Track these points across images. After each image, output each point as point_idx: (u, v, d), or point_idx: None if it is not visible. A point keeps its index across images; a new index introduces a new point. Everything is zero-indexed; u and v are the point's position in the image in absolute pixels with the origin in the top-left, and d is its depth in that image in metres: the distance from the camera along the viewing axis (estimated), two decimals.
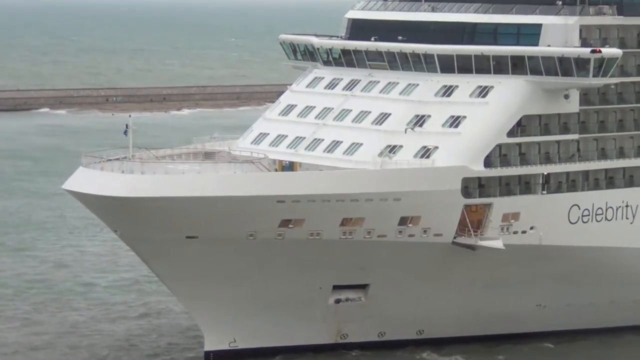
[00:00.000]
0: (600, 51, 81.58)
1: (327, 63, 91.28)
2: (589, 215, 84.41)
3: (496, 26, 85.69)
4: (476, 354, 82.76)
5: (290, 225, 76.34)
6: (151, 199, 74.45)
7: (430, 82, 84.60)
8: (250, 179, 77.37)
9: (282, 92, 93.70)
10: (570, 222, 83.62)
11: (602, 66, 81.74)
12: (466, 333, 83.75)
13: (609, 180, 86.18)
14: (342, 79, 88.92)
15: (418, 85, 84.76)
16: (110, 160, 79.24)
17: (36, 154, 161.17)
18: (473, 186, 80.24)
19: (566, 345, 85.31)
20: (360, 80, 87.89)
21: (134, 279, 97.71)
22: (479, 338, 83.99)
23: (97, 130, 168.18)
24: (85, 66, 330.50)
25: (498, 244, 79.34)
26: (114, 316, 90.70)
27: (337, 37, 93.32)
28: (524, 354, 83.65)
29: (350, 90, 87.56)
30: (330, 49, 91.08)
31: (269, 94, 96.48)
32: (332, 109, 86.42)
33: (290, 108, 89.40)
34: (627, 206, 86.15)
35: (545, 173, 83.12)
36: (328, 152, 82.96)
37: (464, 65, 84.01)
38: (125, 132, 79.76)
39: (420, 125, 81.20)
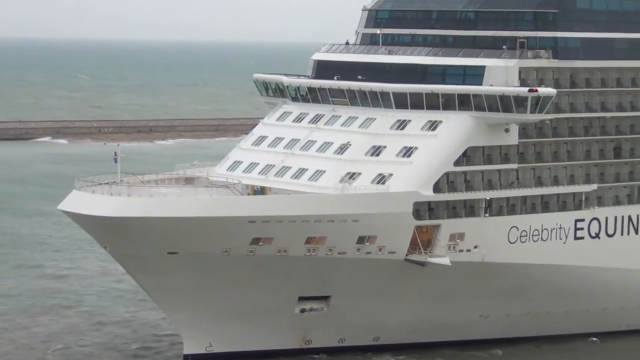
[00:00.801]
0: (537, 90, 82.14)
1: (295, 99, 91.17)
2: (526, 235, 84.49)
3: (445, 67, 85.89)
4: (428, 359, 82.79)
5: (260, 243, 76.45)
6: (137, 218, 74.72)
7: (386, 117, 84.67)
8: (225, 202, 77.85)
9: (255, 125, 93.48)
10: (510, 242, 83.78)
11: (539, 104, 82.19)
12: (418, 339, 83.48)
13: (544, 205, 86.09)
14: (308, 114, 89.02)
15: (375, 119, 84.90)
16: (100, 184, 79.24)
17: (39, 179, 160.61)
18: (423, 209, 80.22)
19: (511, 351, 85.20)
20: (324, 114, 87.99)
21: (122, 289, 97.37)
22: (429, 344, 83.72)
23: (90, 157, 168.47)
24: (84, 100, 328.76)
25: (445, 260, 79.58)
26: (100, 321, 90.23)
27: (305, 76, 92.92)
28: (471, 358, 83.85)
29: (315, 123, 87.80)
30: (298, 87, 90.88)
31: (244, 126, 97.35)
32: (299, 140, 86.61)
33: (261, 139, 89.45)
34: (560, 228, 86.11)
35: (488, 198, 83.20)
36: (295, 178, 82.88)
37: (416, 102, 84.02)
38: (115, 160, 79.93)
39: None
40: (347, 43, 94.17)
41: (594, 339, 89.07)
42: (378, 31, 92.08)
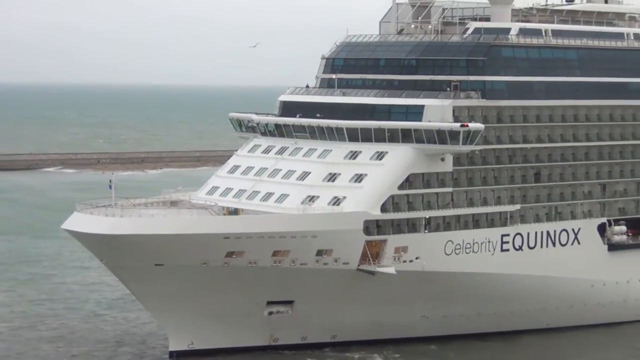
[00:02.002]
0: (467, 125, 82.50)
1: (264, 134, 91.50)
2: (460, 248, 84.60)
3: (390, 107, 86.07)
4: (378, 353, 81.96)
5: (233, 256, 76.60)
6: (128, 235, 75.15)
7: (340, 149, 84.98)
8: (204, 221, 78.11)
9: (230, 156, 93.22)
10: (446, 254, 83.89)
11: (469, 137, 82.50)
12: (369, 337, 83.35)
13: (475, 222, 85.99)
14: (274, 146, 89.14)
15: (331, 150, 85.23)
16: (98, 206, 79.43)
17: (46, 203, 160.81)
18: (372, 226, 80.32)
19: (448, 347, 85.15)
20: (288, 147, 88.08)
21: (116, 295, 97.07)
22: (379, 341, 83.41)
23: (90, 184, 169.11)
24: (86, 135, 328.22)
25: (391, 270, 79.76)
26: (97, 322, 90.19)
27: (272, 114, 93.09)
28: (414, 353, 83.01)
29: (281, 154, 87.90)
30: (266, 124, 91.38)
31: (222, 157, 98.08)
32: (267, 168, 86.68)
33: (235, 168, 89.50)
34: (489, 241, 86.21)
35: (427, 217, 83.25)
36: (263, 201, 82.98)
37: (366, 136, 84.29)
38: (110, 186, 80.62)
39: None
40: (307, 86, 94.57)
41: None
42: (334, 76, 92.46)
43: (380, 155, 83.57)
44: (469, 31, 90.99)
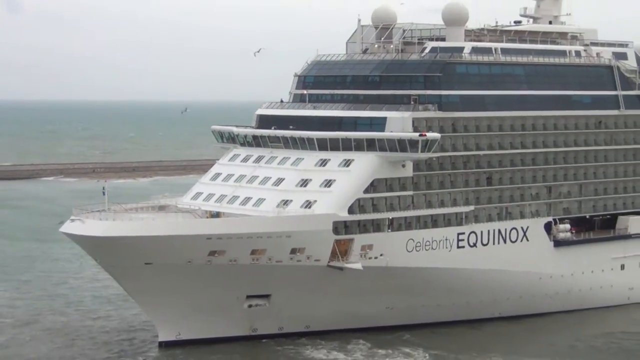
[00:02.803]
0: (425, 135, 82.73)
1: (243, 144, 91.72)
2: (420, 245, 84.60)
3: (356, 119, 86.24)
4: (348, 341, 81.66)
5: (215, 255, 76.56)
6: (120, 237, 75.24)
7: (311, 157, 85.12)
8: (188, 224, 78.44)
9: (212, 165, 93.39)
10: (408, 251, 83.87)
11: (427, 145, 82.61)
12: (340, 327, 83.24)
13: (434, 222, 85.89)
14: (252, 155, 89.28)
15: (303, 159, 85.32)
16: (92, 212, 79.36)
17: (46, 208, 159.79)
18: (341, 227, 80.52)
19: (415, 334, 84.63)
20: (264, 156, 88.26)
21: (109, 293, 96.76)
22: (349, 330, 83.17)
23: (86, 191, 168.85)
24: (84, 146, 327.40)
25: (358, 266, 79.83)
26: (93, 316, 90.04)
27: (250, 126, 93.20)
28: (382, 340, 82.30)
29: (258, 163, 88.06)
30: (245, 135, 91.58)
31: (205, 166, 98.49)
32: (246, 175, 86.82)
33: (217, 175, 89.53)
34: (446, 239, 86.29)
35: (390, 217, 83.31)
36: (242, 204, 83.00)
37: (334, 145, 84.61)
38: (103, 193, 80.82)
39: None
40: (282, 101, 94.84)
41: None
42: (305, 91, 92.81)
43: (347, 163, 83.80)
44: (427, 50, 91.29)
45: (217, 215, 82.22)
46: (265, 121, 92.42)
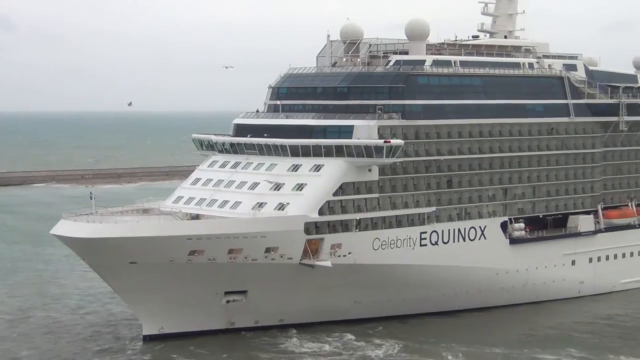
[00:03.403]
0: (390, 142, 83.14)
1: (221, 151, 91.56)
2: (385, 244, 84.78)
3: (326, 127, 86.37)
4: (320, 333, 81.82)
5: (195, 254, 76.48)
6: (106, 239, 75.23)
7: (284, 163, 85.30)
8: (170, 225, 78.58)
9: (193, 170, 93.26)
10: (374, 249, 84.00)
11: (392, 151, 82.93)
12: (312, 320, 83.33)
13: (398, 222, 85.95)
14: (230, 162, 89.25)
15: (277, 164, 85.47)
16: (80, 215, 79.77)
17: (36, 210, 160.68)
18: (312, 227, 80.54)
19: (382, 325, 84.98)
20: (241, 162, 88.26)
21: (97, 290, 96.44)
22: (320, 323, 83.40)
23: (77, 197, 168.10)
24: (72, 154, 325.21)
25: (328, 263, 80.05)
26: (80, 312, 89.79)
27: (228, 135, 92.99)
28: (353, 332, 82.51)
29: (235, 168, 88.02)
30: (223, 143, 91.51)
31: (187, 171, 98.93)
32: (223, 180, 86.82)
33: (197, 180, 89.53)
34: (409, 238, 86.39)
35: (358, 218, 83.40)
36: (220, 207, 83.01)
37: (306, 152, 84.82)
38: (90, 197, 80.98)
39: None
40: (257, 111, 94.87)
41: None
42: (279, 102, 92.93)
43: (317, 168, 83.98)
44: (391, 63, 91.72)
45: (196, 217, 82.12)
46: (241, 130, 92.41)
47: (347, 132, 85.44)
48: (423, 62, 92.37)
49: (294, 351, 78.15)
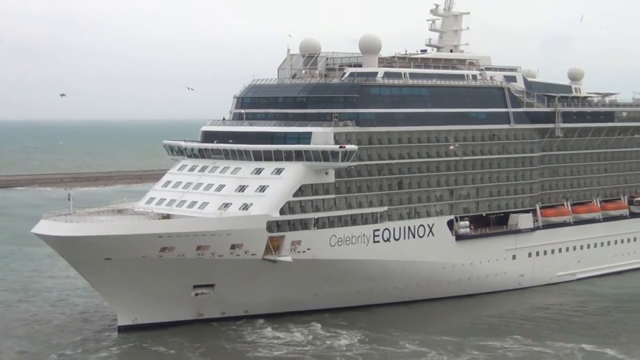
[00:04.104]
0: (344, 147, 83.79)
1: (190, 156, 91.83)
2: (341, 241, 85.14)
3: (286, 133, 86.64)
4: (284, 322, 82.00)
5: (166, 251, 76.64)
6: (83, 237, 75.33)
7: (248, 167, 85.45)
8: (143, 224, 78.69)
9: (164, 174, 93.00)
10: (331, 245, 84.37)
11: (347, 155, 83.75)
12: (274, 311, 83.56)
13: (353, 220, 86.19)
14: (198, 166, 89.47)
15: (241, 168, 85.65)
16: (59, 215, 79.80)
17: (20, 211, 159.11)
18: (273, 225, 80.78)
19: (336, 316, 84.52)
20: (208, 166, 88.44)
21: (76, 286, 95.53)
22: (281, 313, 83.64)
23: (55, 198, 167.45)
24: (54, 159, 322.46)
25: (288, 259, 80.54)
26: (60, 305, 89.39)
27: (196, 141, 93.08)
28: (315, 321, 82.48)
29: (203, 172, 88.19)
30: (191, 148, 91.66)
31: (158, 175, 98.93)
32: (192, 183, 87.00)
33: (168, 182, 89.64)
34: (363, 235, 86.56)
35: (316, 217, 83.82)
36: (189, 207, 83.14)
37: (268, 156, 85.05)
38: (68, 199, 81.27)
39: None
40: (224, 119, 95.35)
41: None
42: (243, 111, 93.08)
43: (278, 171, 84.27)
44: (346, 75, 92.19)
45: (167, 216, 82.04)
46: (209, 136, 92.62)
47: (306, 138, 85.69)
48: (375, 74, 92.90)
49: (259, 341, 78.08)
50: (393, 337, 78.81)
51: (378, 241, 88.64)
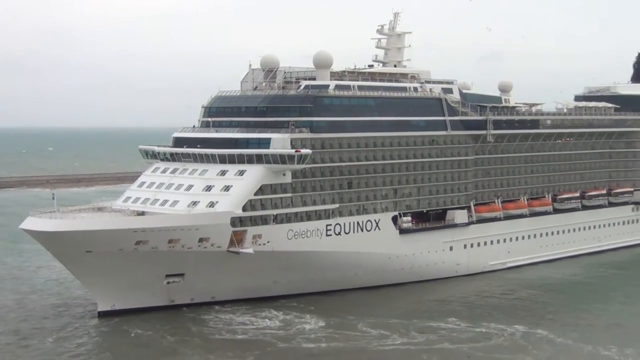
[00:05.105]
0: (300, 151, 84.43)
1: (162, 160, 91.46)
2: (298, 235, 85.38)
3: (248, 139, 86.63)
4: (247, 307, 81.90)
5: (141, 244, 76.69)
6: (66, 232, 75.30)
7: (214, 169, 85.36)
8: (120, 220, 78.79)
9: (139, 175, 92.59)
10: (288, 239, 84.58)
11: (302, 158, 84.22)
12: (238, 297, 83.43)
13: (308, 216, 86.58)
14: (169, 168, 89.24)
15: (208, 170, 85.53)
16: (45, 212, 79.65)
17: (10, 209, 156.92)
18: (237, 221, 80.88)
19: (304, 300, 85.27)
20: (179, 168, 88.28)
21: (60, 276, 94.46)
22: (244, 299, 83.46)
23: (42, 198, 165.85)
24: (42, 163, 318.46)
25: (250, 251, 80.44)
26: (45, 293, 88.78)
27: (168, 146, 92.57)
28: (275, 306, 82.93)
29: (174, 174, 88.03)
30: (164, 153, 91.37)
31: (135, 176, 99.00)
32: (164, 183, 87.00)
33: (143, 183, 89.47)
34: (317, 229, 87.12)
35: (274, 214, 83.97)
36: (161, 205, 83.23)
37: (231, 160, 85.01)
38: (53, 198, 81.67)
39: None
40: (194, 126, 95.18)
41: None
42: (210, 119, 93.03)
43: (241, 173, 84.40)
44: (301, 87, 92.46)
45: (142, 213, 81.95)
46: (179, 142, 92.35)
47: (266, 143, 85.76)
48: (327, 86, 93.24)
49: (224, 325, 77.91)
50: (349, 320, 79.01)
51: (330, 235, 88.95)
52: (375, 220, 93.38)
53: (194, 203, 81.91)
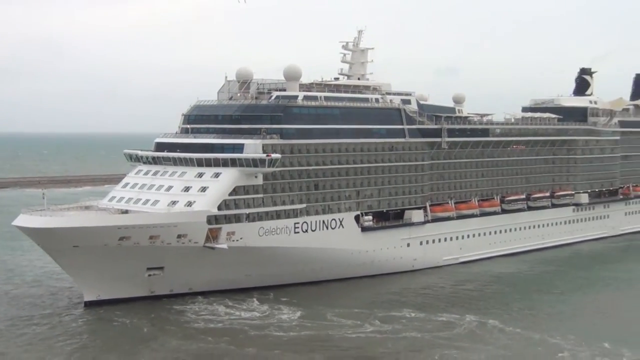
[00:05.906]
0: (271, 156, 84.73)
1: (145, 163, 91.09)
2: (268, 232, 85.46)
3: (223, 145, 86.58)
4: (222, 298, 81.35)
5: (124, 240, 76.71)
6: (55, 228, 75.23)
7: (192, 171, 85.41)
8: (105, 218, 78.44)
9: (124, 177, 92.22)
10: (259, 235, 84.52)
11: (272, 162, 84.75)
12: (213, 288, 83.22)
13: (277, 215, 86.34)
14: (151, 170, 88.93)
15: (186, 172, 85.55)
16: (36, 210, 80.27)
17: (4, 208, 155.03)
18: (212, 219, 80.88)
19: (264, 292, 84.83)
20: (160, 170, 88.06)
21: (49, 269, 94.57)
22: (220, 291, 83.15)
23: (35, 197, 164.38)
24: (35, 166, 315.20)
25: (224, 246, 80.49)
26: (35, 285, 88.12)
27: (150, 150, 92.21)
28: (248, 297, 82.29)
29: (155, 175, 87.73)
30: (147, 156, 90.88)
31: (120, 178, 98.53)
32: (146, 184, 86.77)
33: (127, 184, 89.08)
34: (286, 227, 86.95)
35: (247, 212, 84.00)
36: (143, 204, 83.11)
37: (208, 163, 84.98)
38: (43, 197, 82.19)
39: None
40: (176, 133, 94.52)
41: None
42: (189, 126, 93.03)
43: (217, 175, 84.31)
44: (273, 97, 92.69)
45: (125, 211, 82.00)
46: (161, 146, 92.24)
47: (239, 148, 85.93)
48: (297, 97, 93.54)
49: (200, 314, 77.53)
50: (318, 310, 79.02)
51: (298, 232, 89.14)
52: (339, 219, 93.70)
53: (174, 202, 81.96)
